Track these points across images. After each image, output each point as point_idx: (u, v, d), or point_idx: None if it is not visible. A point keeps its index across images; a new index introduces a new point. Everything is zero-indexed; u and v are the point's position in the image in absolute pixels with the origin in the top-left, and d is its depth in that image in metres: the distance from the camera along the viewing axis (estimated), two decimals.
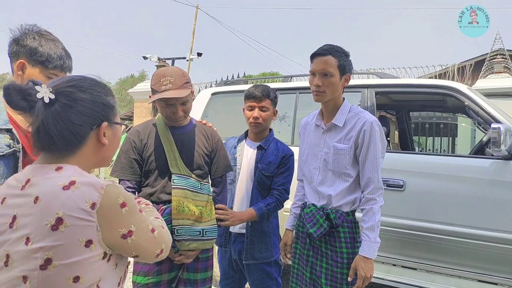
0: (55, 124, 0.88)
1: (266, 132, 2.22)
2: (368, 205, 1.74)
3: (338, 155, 1.78)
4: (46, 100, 0.87)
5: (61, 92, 0.90)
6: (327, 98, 1.78)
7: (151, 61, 11.52)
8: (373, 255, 1.68)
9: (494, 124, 2.33)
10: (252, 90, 2.15)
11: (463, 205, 2.48)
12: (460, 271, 2.51)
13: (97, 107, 0.95)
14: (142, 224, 0.93)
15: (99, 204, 0.84)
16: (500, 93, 5.76)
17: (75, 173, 0.87)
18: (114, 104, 1.01)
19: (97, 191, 0.85)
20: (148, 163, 1.78)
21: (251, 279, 2.18)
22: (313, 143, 1.90)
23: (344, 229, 1.77)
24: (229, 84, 4.04)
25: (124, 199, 0.89)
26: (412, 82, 3.13)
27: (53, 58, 1.39)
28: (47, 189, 0.83)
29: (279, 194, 2.11)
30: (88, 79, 0.97)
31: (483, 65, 7.97)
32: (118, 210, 0.87)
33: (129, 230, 0.89)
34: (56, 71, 1.41)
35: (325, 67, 1.74)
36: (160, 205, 1.76)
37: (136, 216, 0.92)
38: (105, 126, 0.96)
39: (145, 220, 0.95)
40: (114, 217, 0.87)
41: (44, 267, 0.79)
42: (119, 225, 0.88)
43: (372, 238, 1.68)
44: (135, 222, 0.91)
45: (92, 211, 0.83)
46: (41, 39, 1.39)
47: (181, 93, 1.69)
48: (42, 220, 0.80)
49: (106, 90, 0.99)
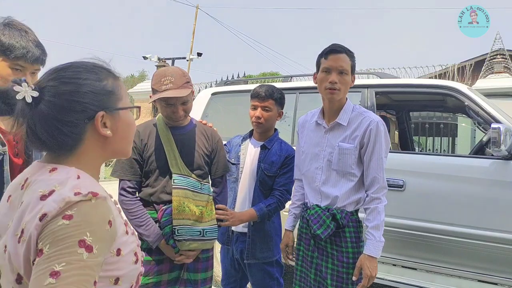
0: (43, 125, 0.77)
1: (271, 132, 2.22)
2: (372, 204, 1.74)
3: (343, 155, 1.77)
4: (29, 100, 0.76)
5: (44, 87, 0.79)
6: (340, 96, 1.77)
7: (151, 61, 11.53)
8: (378, 254, 1.69)
9: (494, 124, 2.33)
10: (257, 90, 2.15)
11: (463, 205, 2.48)
12: (460, 271, 2.50)
13: (86, 97, 0.80)
14: (54, 255, 0.66)
15: (50, 216, 0.68)
16: (500, 93, 5.76)
17: (63, 178, 0.76)
18: (112, 88, 0.86)
19: (58, 203, 0.69)
20: (148, 163, 1.79)
21: (253, 279, 2.18)
22: (313, 142, 1.88)
23: (350, 229, 1.77)
24: (229, 84, 4.04)
25: (75, 213, 0.69)
26: (412, 82, 3.13)
27: (15, 47, 1.27)
28: (30, 194, 0.75)
29: (281, 194, 2.11)
30: (72, 67, 0.83)
31: (483, 65, 7.97)
32: (56, 222, 0.68)
33: (40, 248, 0.68)
34: (20, 62, 1.29)
35: (343, 64, 1.73)
36: (161, 205, 1.77)
37: (64, 242, 0.67)
38: (102, 117, 0.82)
39: (65, 254, 0.66)
40: (49, 227, 0.68)
41: (19, 282, 0.73)
42: (44, 237, 0.68)
43: (377, 237, 1.69)
44: (55, 245, 0.67)
45: (39, 223, 0.68)
46: (5, 29, 1.28)
47: (182, 92, 1.69)
48: (15, 230, 0.73)
49: (98, 75, 0.85)
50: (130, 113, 0.91)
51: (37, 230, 0.69)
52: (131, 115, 0.92)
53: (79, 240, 0.68)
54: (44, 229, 0.69)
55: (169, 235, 1.72)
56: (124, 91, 0.90)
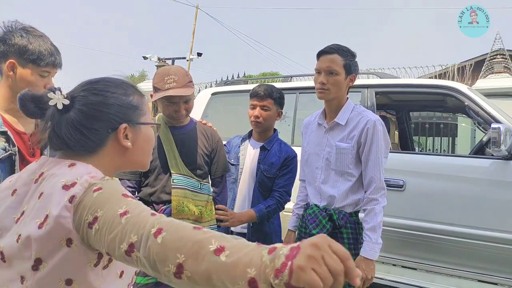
0: (68, 129, 0.85)
1: (270, 133, 2.21)
2: (370, 205, 1.73)
3: (341, 154, 1.77)
4: (60, 107, 0.84)
5: (75, 97, 0.87)
6: (331, 96, 1.77)
7: (151, 61, 11.54)
8: (374, 256, 1.67)
9: (494, 124, 2.33)
10: (256, 89, 2.14)
11: (463, 205, 2.48)
12: (460, 271, 2.50)
13: (112, 109, 0.88)
14: (111, 209, 0.72)
15: (78, 197, 0.75)
16: (500, 93, 5.76)
17: (84, 172, 0.81)
18: (137, 104, 0.93)
19: (83, 185, 0.77)
20: None
21: None
22: (315, 142, 1.89)
23: (347, 230, 1.77)
24: (229, 84, 4.04)
25: (101, 185, 0.77)
26: (412, 82, 3.14)
27: (44, 55, 1.32)
28: (51, 186, 0.79)
29: (280, 196, 2.10)
30: (103, 81, 0.92)
31: (483, 65, 7.97)
32: (90, 196, 0.75)
33: (94, 216, 0.73)
34: (48, 68, 1.34)
35: (331, 65, 1.74)
36: (160, 205, 1.76)
37: (111, 200, 0.74)
38: (125, 129, 0.89)
39: (119, 203, 0.73)
40: (85, 203, 0.75)
41: (35, 268, 0.76)
42: (87, 210, 0.74)
43: (373, 239, 1.67)
44: (104, 207, 0.73)
45: (70, 204, 0.74)
46: (29, 36, 1.31)
47: (186, 91, 1.69)
48: (35, 218, 0.77)
49: (125, 90, 0.93)
50: (150, 129, 0.99)
51: (70, 211, 0.74)
52: (152, 131, 0.99)
53: (122, 193, 0.77)
54: (78, 208, 0.74)
55: None
56: (147, 108, 0.98)
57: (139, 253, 0.66)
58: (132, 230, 0.68)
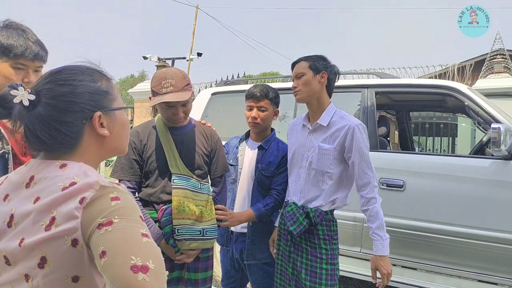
0: (41, 126, 0.81)
1: (267, 132, 2.22)
2: (370, 205, 1.82)
3: (323, 155, 1.86)
4: (26, 103, 0.79)
5: (40, 90, 0.82)
6: (304, 95, 1.90)
7: (151, 61, 11.51)
8: (387, 251, 1.79)
9: (494, 124, 2.33)
10: (252, 90, 2.15)
11: (463, 205, 2.48)
12: (460, 271, 2.50)
13: (82, 98, 0.83)
14: (132, 222, 0.74)
15: (89, 198, 0.75)
16: (500, 93, 5.76)
17: (79, 172, 0.80)
18: (107, 89, 0.89)
19: (92, 187, 0.76)
20: (148, 163, 1.79)
21: (252, 279, 2.18)
22: (299, 143, 1.99)
23: (323, 227, 1.88)
24: (229, 84, 4.03)
25: (118, 194, 0.77)
26: (412, 82, 3.13)
27: (13, 45, 1.29)
28: (48, 189, 0.79)
29: (278, 194, 2.11)
30: (66, 70, 0.86)
31: (483, 65, 7.96)
32: (107, 202, 0.75)
33: (109, 220, 0.73)
34: (21, 60, 1.31)
35: (297, 70, 1.92)
36: (161, 205, 1.77)
37: (129, 214, 0.75)
38: (99, 117, 0.86)
39: (138, 222, 0.76)
40: (99, 207, 0.75)
41: (41, 266, 0.77)
42: (101, 214, 0.74)
43: (382, 236, 1.79)
44: (122, 216, 0.74)
45: (80, 205, 0.74)
46: (3, 30, 1.30)
47: (183, 96, 1.69)
48: (38, 221, 0.76)
49: (92, 76, 0.88)
50: (124, 113, 0.95)
51: (80, 212, 0.74)
52: (126, 115, 0.96)
53: (139, 215, 0.78)
54: (89, 209, 0.74)
55: (169, 235, 1.73)
56: (117, 92, 0.94)
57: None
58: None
